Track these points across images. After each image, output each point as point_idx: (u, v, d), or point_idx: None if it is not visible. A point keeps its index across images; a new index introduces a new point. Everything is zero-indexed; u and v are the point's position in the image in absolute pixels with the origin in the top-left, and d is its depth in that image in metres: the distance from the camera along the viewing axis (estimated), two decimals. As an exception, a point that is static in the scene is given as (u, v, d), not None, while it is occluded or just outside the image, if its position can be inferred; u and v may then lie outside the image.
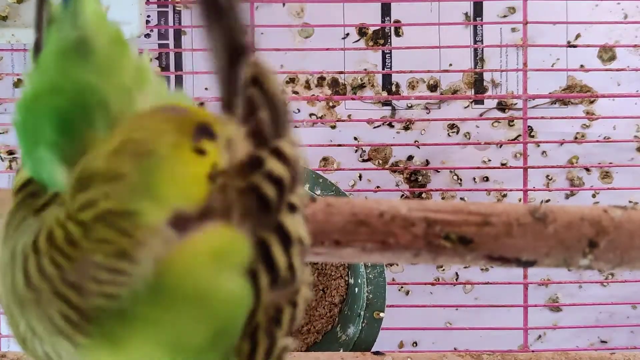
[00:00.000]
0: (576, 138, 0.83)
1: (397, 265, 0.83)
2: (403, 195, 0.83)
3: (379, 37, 0.83)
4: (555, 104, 0.84)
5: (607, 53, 0.83)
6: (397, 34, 0.83)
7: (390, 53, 0.83)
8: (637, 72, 0.82)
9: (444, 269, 0.83)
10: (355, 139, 0.83)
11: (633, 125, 0.84)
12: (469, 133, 0.83)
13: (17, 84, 0.82)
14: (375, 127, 0.83)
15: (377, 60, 0.84)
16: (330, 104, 0.83)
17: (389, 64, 0.83)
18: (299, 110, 0.83)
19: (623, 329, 0.83)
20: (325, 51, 0.79)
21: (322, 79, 0.83)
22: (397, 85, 0.84)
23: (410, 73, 0.80)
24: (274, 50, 0.78)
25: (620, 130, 0.83)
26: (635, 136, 0.84)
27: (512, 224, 0.34)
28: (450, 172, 0.83)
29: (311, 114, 0.83)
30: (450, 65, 0.83)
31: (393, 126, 0.83)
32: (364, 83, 0.83)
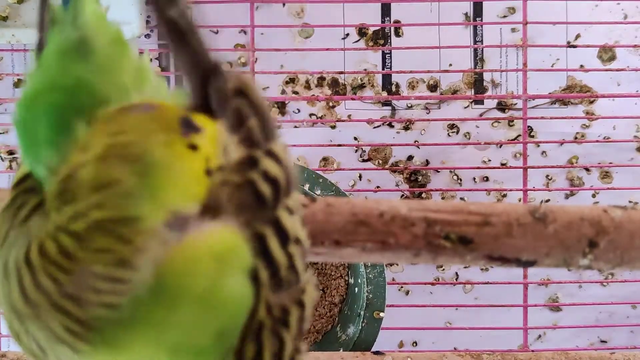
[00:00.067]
0: (576, 138, 0.83)
1: (397, 265, 0.83)
2: (403, 195, 0.83)
3: (379, 37, 0.83)
4: (555, 104, 0.84)
5: (607, 53, 0.83)
6: (397, 34, 0.83)
7: (390, 53, 0.83)
8: (637, 72, 0.82)
9: (444, 269, 0.83)
10: (355, 139, 0.83)
11: (633, 125, 0.84)
12: (469, 133, 0.83)
13: (17, 84, 0.82)
14: (375, 127, 0.83)
15: (377, 60, 0.84)
16: (330, 104, 0.83)
17: (389, 64, 0.83)
18: (299, 110, 0.83)
19: (623, 328, 0.83)
20: (325, 51, 0.79)
21: (322, 79, 0.83)
22: (397, 86, 0.84)
23: (410, 73, 0.80)
24: (274, 50, 0.78)
25: (620, 130, 0.83)
26: (635, 136, 0.84)
27: (512, 224, 0.34)
28: (450, 172, 0.83)
29: (311, 114, 0.83)
30: (450, 65, 0.83)
31: (393, 126, 0.83)
32: (364, 83, 0.83)
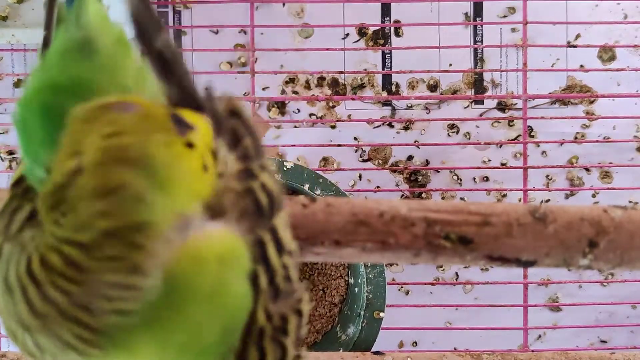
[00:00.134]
0: (576, 138, 0.83)
1: (397, 265, 0.83)
2: (403, 195, 0.83)
3: (379, 37, 0.83)
4: (555, 104, 0.84)
5: (607, 53, 0.83)
6: (397, 34, 0.83)
7: (390, 53, 0.83)
8: (637, 72, 0.82)
9: (444, 269, 0.83)
10: (355, 139, 0.83)
11: (633, 125, 0.84)
12: (469, 133, 0.83)
13: (17, 84, 0.82)
14: (375, 127, 0.83)
15: (377, 60, 0.84)
16: (330, 104, 0.83)
17: (389, 64, 0.83)
18: (299, 110, 0.83)
19: (623, 328, 0.83)
20: (325, 51, 0.79)
21: (322, 79, 0.83)
22: (397, 85, 0.83)
23: (410, 73, 0.80)
24: (274, 50, 0.78)
25: (620, 130, 0.83)
26: (635, 136, 0.84)
27: (512, 224, 0.34)
28: (450, 172, 0.83)
29: (311, 114, 0.83)
30: (450, 65, 0.83)
31: (393, 126, 0.83)
32: (364, 83, 0.83)
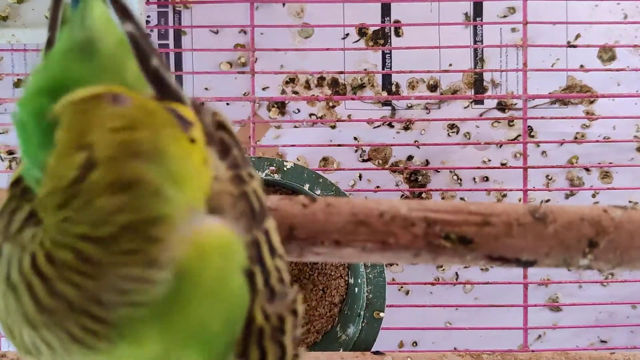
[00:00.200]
0: (576, 138, 0.83)
1: (397, 265, 0.83)
2: (403, 195, 0.83)
3: (379, 37, 0.83)
4: (555, 104, 0.84)
5: (607, 53, 0.83)
6: (397, 34, 0.83)
7: (390, 53, 0.83)
8: (637, 72, 0.82)
9: (444, 269, 0.83)
10: (355, 139, 0.83)
11: (633, 125, 0.84)
12: (469, 133, 0.83)
13: (17, 84, 0.82)
14: (375, 127, 0.83)
15: (377, 60, 0.84)
16: (330, 104, 0.83)
17: (389, 64, 0.83)
18: (299, 110, 0.83)
19: (623, 328, 0.84)
20: (325, 51, 0.79)
21: (322, 79, 0.83)
22: (397, 85, 0.83)
23: (410, 73, 0.80)
24: (274, 50, 0.78)
25: (620, 130, 0.83)
26: (635, 136, 0.84)
27: (512, 224, 0.34)
28: (450, 172, 0.83)
29: (311, 114, 0.83)
30: (450, 65, 0.83)
31: (393, 126, 0.83)
32: (364, 83, 0.83)
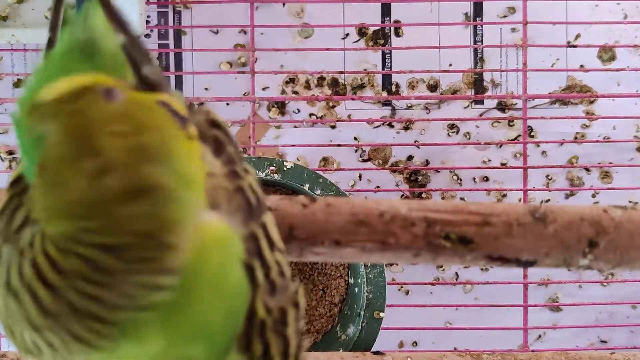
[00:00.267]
0: (576, 138, 0.83)
1: (397, 265, 0.83)
2: (403, 195, 0.83)
3: (379, 37, 0.83)
4: (555, 104, 0.84)
5: (607, 53, 0.83)
6: (397, 34, 0.83)
7: (390, 53, 0.83)
8: (637, 72, 0.82)
9: (444, 269, 0.83)
10: (355, 139, 0.83)
11: (633, 125, 0.84)
12: (469, 133, 0.83)
13: (17, 84, 0.82)
14: (375, 127, 0.83)
15: (377, 60, 0.84)
16: (330, 104, 0.83)
17: (389, 64, 0.83)
18: (299, 110, 0.83)
19: (623, 328, 0.83)
20: (325, 51, 0.79)
21: (322, 79, 0.83)
22: (397, 85, 0.84)
23: (410, 73, 0.80)
24: (274, 50, 0.78)
25: (620, 130, 0.83)
26: (635, 136, 0.84)
27: (512, 224, 0.34)
28: (450, 172, 0.83)
29: (311, 114, 0.83)
30: (450, 65, 0.83)
31: (393, 126, 0.83)
32: (364, 83, 0.83)
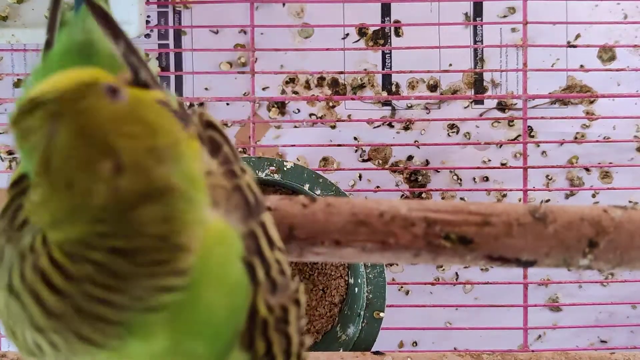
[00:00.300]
0: (576, 138, 0.83)
1: (397, 265, 0.83)
2: (403, 195, 0.83)
3: (379, 37, 0.83)
4: (555, 104, 0.84)
5: (607, 53, 0.83)
6: (397, 34, 0.83)
7: (390, 53, 0.83)
8: (637, 72, 0.82)
9: (444, 269, 0.83)
10: (355, 139, 0.83)
11: (633, 125, 0.84)
12: (469, 133, 0.83)
13: (17, 84, 0.82)
14: (375, 127, 0.83)
15: (377, 60, 0.84)
16: (330, 104, 0.83)
17: (389, 64, 0.83)
18: (299, 110, 0.83)
19: (623, 328, 0.83)
20: (325, 51, 0.79)
21: (322, 79, 0.83)
22: (397, 85, 0.83)
23: (410, 73, 0.80)
24: (274, 50, 0.78)
25: (620, 130, 0.83)
26: (635, 136, 0.84)
27: (512, 224, 0.34)
28: (450, 172, 0.83)
29: (311, 114, 0.83)
30: (450, 65, 0.83)
31: (393, 126, 0.83)
32: (364, 83, 0.83)
